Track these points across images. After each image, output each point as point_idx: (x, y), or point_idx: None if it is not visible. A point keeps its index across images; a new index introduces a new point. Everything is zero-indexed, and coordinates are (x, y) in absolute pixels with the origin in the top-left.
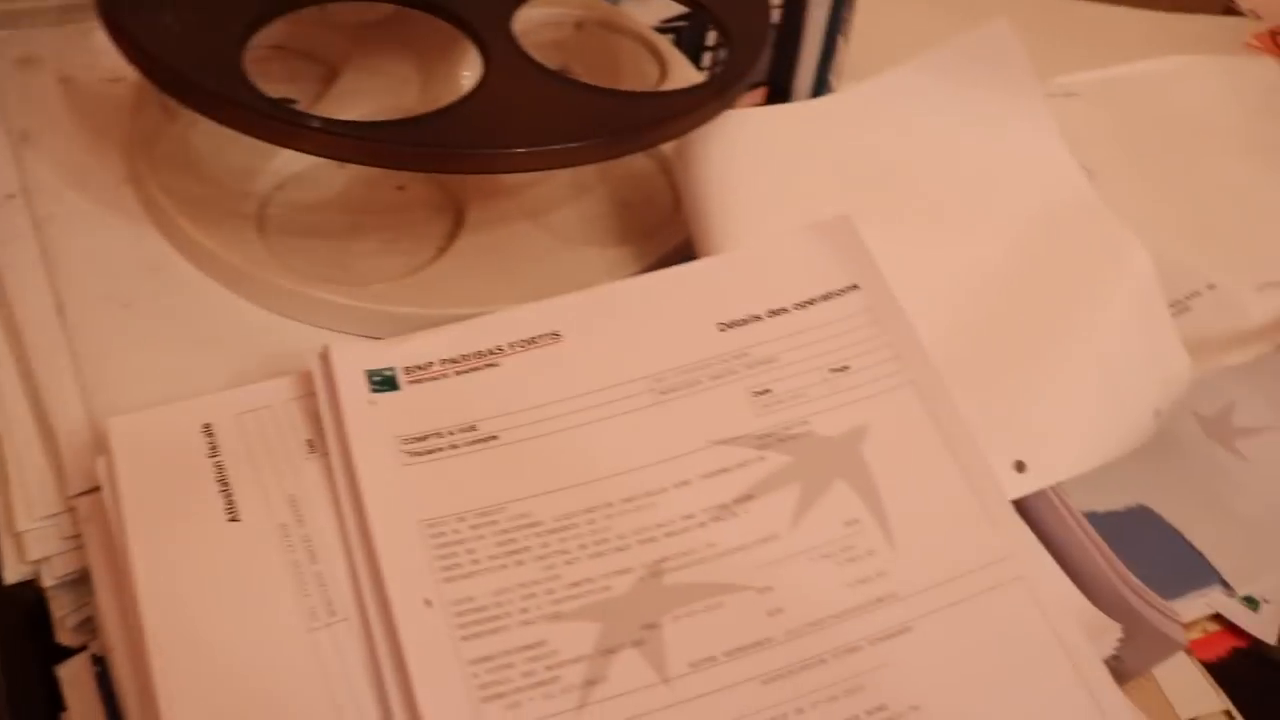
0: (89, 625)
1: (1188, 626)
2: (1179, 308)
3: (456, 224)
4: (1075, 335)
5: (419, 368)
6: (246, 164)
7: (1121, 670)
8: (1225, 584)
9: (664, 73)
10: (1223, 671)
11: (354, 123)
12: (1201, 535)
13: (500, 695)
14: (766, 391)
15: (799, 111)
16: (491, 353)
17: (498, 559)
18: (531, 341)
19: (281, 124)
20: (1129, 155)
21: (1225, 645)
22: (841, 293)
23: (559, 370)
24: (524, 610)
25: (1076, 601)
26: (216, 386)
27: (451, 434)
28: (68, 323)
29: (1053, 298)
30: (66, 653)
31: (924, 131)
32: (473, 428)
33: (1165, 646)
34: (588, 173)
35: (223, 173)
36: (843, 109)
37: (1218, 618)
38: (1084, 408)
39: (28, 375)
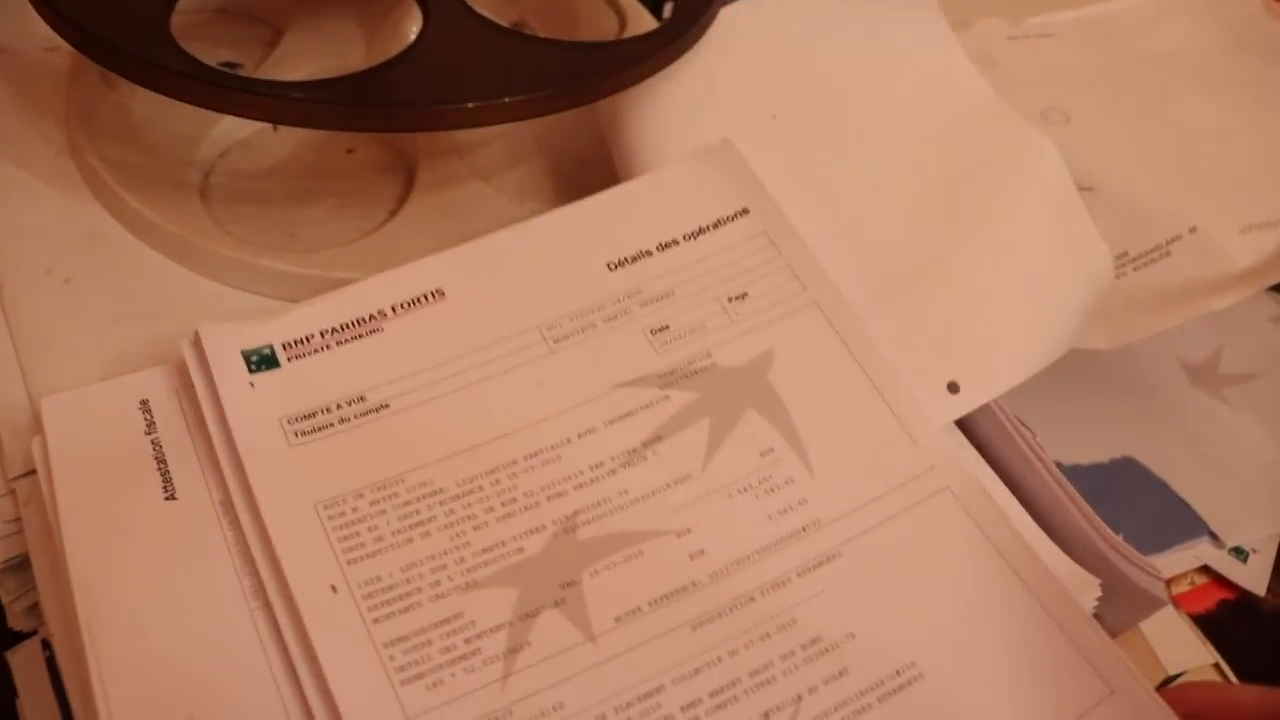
0: (38, 609)
1: (1175, 579)
2: (1160, 252)
3: (407, 186)
4: (995, 243)
5: (298, 342)
6: (188, 132)
7: (1104, 629)
8: (1213, 535)
9: (623, 25)
10: (1211, 624)
11: (287, 83)
12: (1188, 486)
13: (420, 675)
14: (664, 328)
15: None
16: (374, 318)
17: (402, 533)
18: (415, 302)
19: (213, 88)
20: (1106, 96)
21: (1213, 597)
22: (732, 218)
23: (446, 329)
24: (435, 584)
25: (1053, 556)
26: (164, 361)
27: (340, 407)
28: (6, 300)
29: (968, 208)
30: (21, 637)
31: (824, 52)
32: (361, 398)
33: (1147, 603)
34: (541, 130)
35: (164, 141)
36: (740, 30)
37: (1205, 569)
38: (1012, 317)
39: None
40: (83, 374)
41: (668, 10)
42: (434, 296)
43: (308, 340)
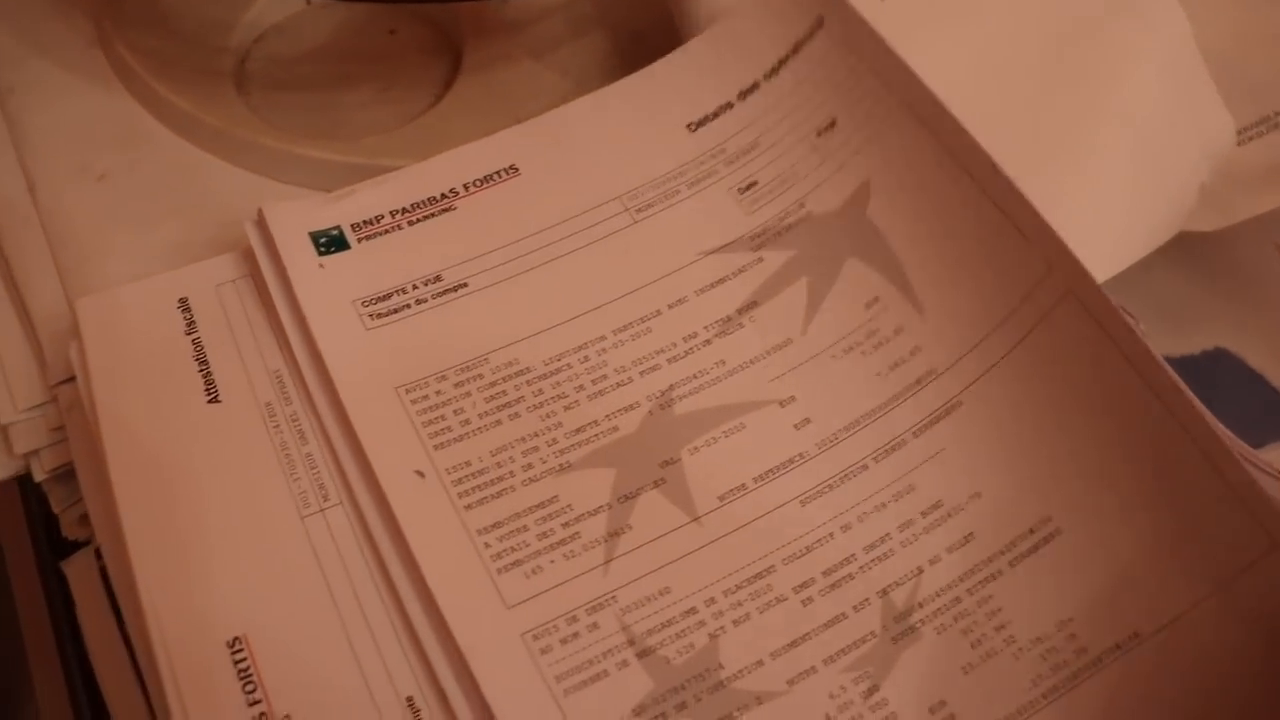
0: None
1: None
2: (1268, 124)
3: (454, 68)
4: (1107, 109)
5: (368, 222)
6: (220, 16)
7: None
8: None
9: None
10: None
11: None
12: None
13: (517, 563)
14: (752, 185)
15: None
16: (445, 196)
17: (489, 415)
18: (487, 179)
19: None
20: None
21: None
22: (809, 37)
23: (522, 204)
24: (528, 467)
25: None
26: (204, 257)
27: (415, 288)
28: (39, 201)
29: (1078, 70)
30: (76, 547)
31: None
32: (438, 278)
33: None
34: (594, 4)
35: (196, 27)
36: None
37: None
38: (1129, 190)
39: (1, 260)
40: (120, 274)
41: None
42: (507, 173)
43: (377, 220)
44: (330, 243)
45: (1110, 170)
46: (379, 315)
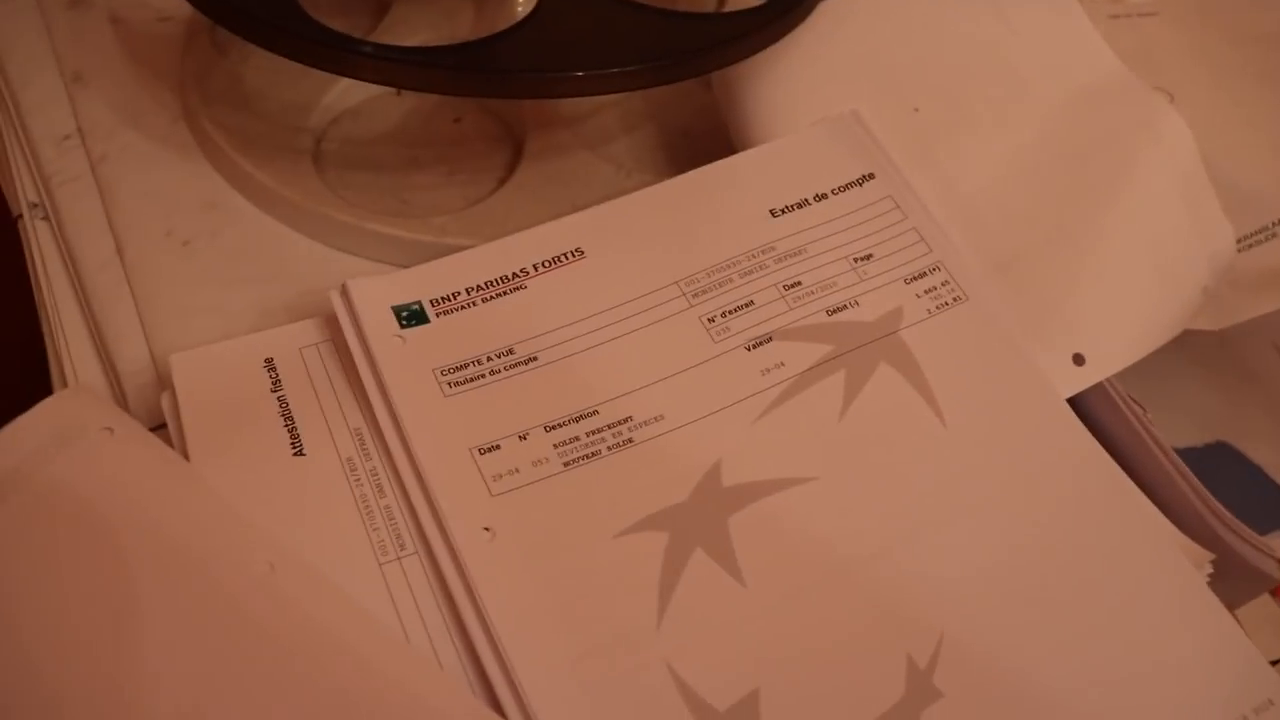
0: None
1: None
2: (1265, 234)
3: (515, 155)
4: (1121, 216)
5: (445, 299)
6: (300, 99)
7: None
8: None
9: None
10: None
11: (407, 47)
12: None
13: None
14: (797, 284)
15: (825, 9)
16: (517, 275)
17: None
18: (556, 261)
19: (334, 50)
20: (1210, 75)
21: None
22: (858, 182)
23: (588, 285)
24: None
25: (1167, 532)
26: (277, 323)
27: (490, 360)
28: (127, 262)
29: (1095, 180)
30: None
31: (947, 26)
32: (510, 351)
33: (1257, 581)
34: (648, 101)
35: (277, 108)
36: (869, 4)
37: None
38: (1136, 291)
39: (91, 316)
40: (200, 334)
41: None
42: (574, 255)
43: (454, 297)
44: (411, 316)
45: (1125, 271)
46: (456, 384)
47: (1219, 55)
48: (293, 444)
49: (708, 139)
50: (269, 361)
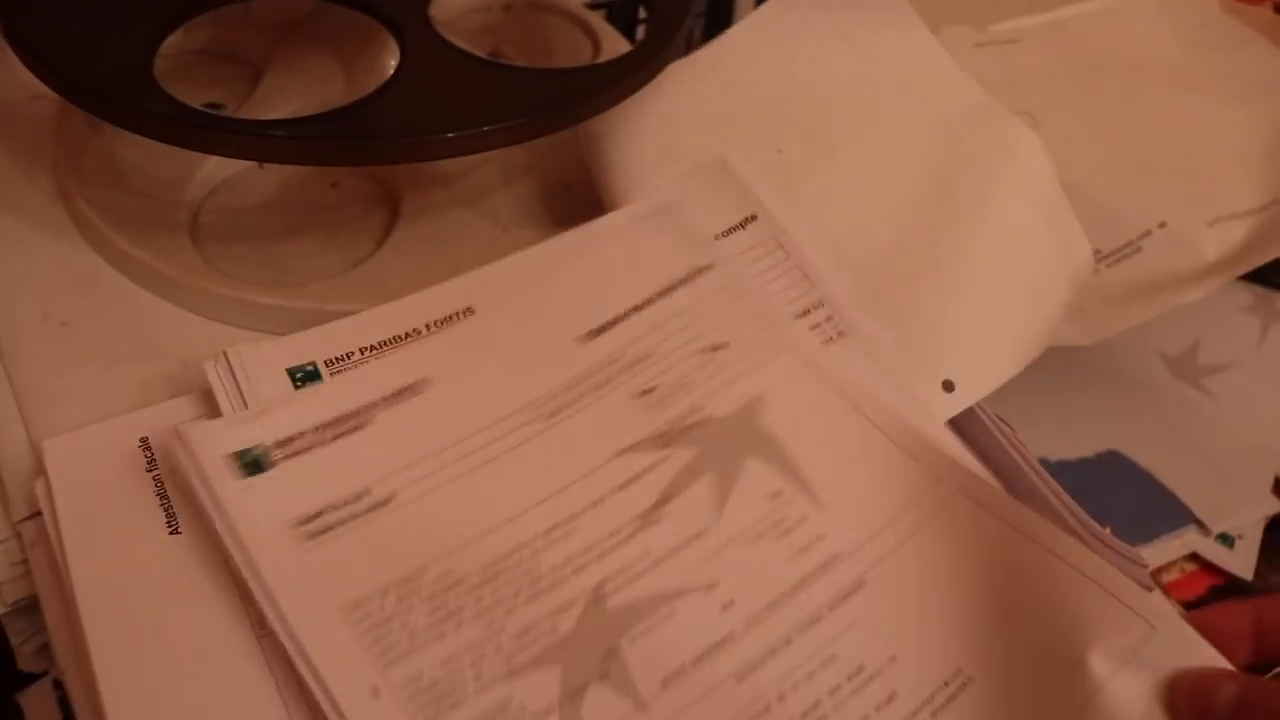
0: (48, 650)
1: (1165, 568)
2: (1131, 249)
3: (393, 215)
4: (984, 241)
5: (287, 440)
6: (176, 173)
7: None
8: (1200, 523)
9: (597, 49)
10: None
11: (270, 121)
12: (1173, 476)
13: None
14: (651, 390)
15: (683, 61)
16: (361, 411)
17: (434, 628)
18: (400, 393)
19: (198, 130)
20: (1072, 98)
21: (1203, 584)
22: (699, 272)
23: (438, 416)
24: (478, 675)
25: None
26: (159, 398)
27: (346, 505)
28: (4, 345)
29: (957, 206)
30: (32, 679)
31: (805, 62)
32: (366, 492)
33: None
34: (523, 156)
35: (152, 183)
36: (726, 51)
37: (1194, 557)
38: (1001, 315)
39: None
40: (82, 415)
41: (640, 33)
42: (420, 385)
43: (298, 438)
44: (253, 463)
45: (990, 296)
46: (313, 534)
47: (1080, 78)
48: (169, 523)
49: (584, 189)
50: (144, 440)
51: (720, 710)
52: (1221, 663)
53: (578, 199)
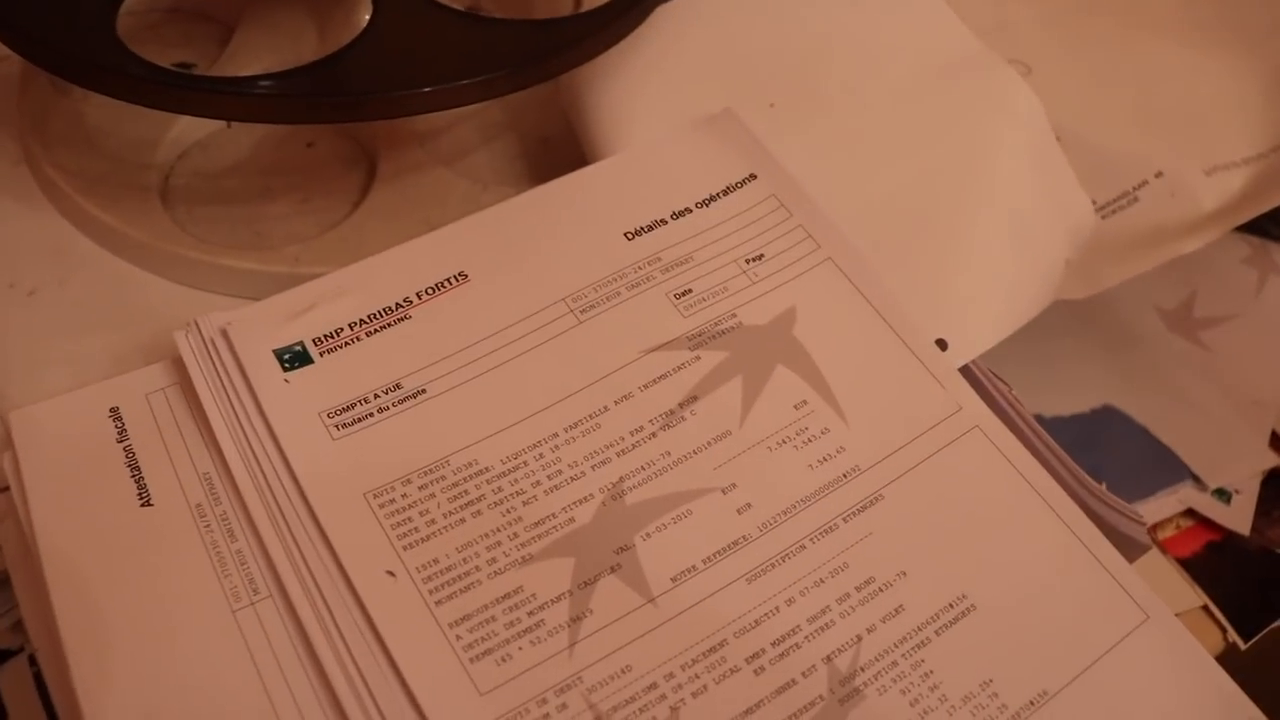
0: (21, 627)
1: (1161, 524)
2: (1128, 199)
3: (369, 177)
4: (978, 195)
5: (328, 336)
6: (144, 135)
7: None
8: (1196, 478)
9: (578, 2)
10: (1198, 566)
11: (242, 79)
12: (1170, 431)
13: (488, 652)
14: (687, 292)
15: (668, 11)
16: (400, 305)
17: (454, 515)
18: (439, 287)
19: (166, 89)
20: (1065, 45)
21: (1200, 540)
22: (741, 184)
23: (473, 310)
24: (492, 561)
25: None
26: (132, 368)
27: (378, 397)
28: None
29: (951, 160)
30: (8, 655)
31: (798, 12)
32: (398, 385)
33: (1130, 547)
34: (501, 112)
35: (121, 146)
36: (712, 2)
37: (1190, 513)
38: (996, 271)
39: None
40: (53, 386)
41: None
42: (458, 279)
43: (338, 334)
44: (294, 358)
45: (985, 252)
46: (344, 425)
47: (1074, 25)
48: (140, 494)
49: (566, 146)
50: (114, 410)
51: (728, 610)
52: (1210, 662)
53: (559, 155)
